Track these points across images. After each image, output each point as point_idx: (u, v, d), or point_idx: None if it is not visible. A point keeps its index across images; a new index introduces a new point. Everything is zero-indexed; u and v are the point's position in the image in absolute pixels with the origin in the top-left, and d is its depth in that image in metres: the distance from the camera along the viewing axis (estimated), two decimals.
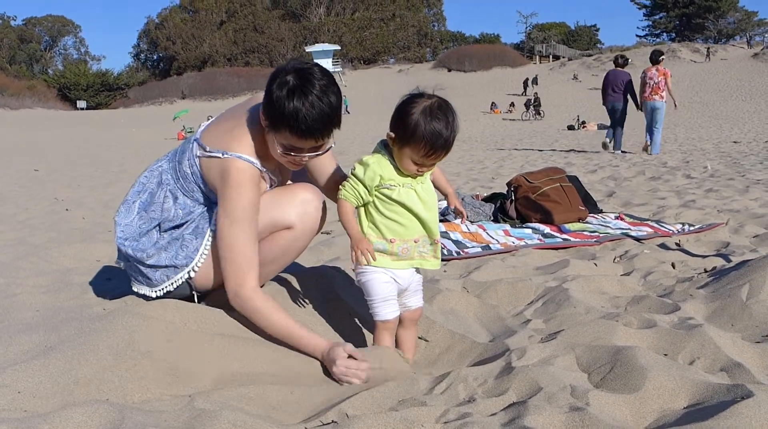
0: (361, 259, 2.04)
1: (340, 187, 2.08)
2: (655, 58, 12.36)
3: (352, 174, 2.06)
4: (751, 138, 16.85)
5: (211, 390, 1.88)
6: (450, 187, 2.28)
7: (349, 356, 1.99)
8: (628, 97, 12.75)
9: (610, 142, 13.08)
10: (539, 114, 37.19)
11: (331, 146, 2.18)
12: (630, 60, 13.32)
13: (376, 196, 2.04)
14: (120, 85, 74.93)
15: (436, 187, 2.22)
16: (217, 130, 2.25)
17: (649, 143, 12.42)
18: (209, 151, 2.19)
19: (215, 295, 2.37)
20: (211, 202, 2.30)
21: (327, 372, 2.07)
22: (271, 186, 2.30)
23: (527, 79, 52.04)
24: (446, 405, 1.80)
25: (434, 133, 1.92)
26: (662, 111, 12.27)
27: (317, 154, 2.17)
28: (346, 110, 40.01)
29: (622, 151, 13.07)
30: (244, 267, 2.12)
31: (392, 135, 1.99)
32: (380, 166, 2.02)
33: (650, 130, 12.48)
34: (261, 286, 2.40)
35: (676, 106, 12.71)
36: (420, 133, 1.92)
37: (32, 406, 1.70)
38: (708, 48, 59.37)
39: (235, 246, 2.12)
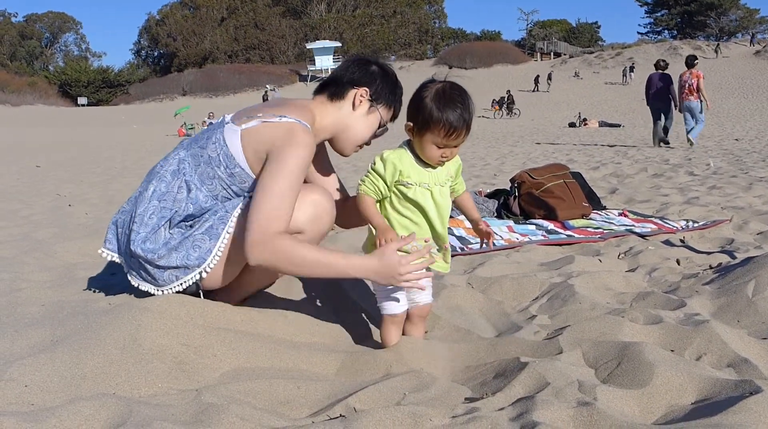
0: None
1: (359, 182, 2.08)
2: (690, 63, 13.40)
3: (372, 169, 2.05)
4: (753, 136, 16.84)
5: (218, 384, 1.87)
6: (477, 214, 2.29)
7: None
8: (669, 96, 13.58)
9: (688, 137, 13.47)
10: (512, 112, 36.68)
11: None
12: (668, 63, 14.43)
13: (393, 192, 2.04)
14: (121, 82, 74.93)
15: (462, 212, 2.24)
16: (264, 109, 2.24)
17: (690, 138, 13.24)
18: (267, 116, 2.17)
19: (220, 292, 2.37)
20: (228, 191, 2.24)
21: (334, 365, 2.07)
22: None
23: (538, 75, 52.01)
24: (454, 400, 1.80)
25: (451, 111, 1.94)
26: (698, 109, 13.17)
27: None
28: None
29: (662, 144, 13.70)
30: (273, 213, 2.02)
31: (410, 124, 2.01)
32: (400, 161, 2.02)
33: (687, 126, 13.45)
34: (265, 289, 2.39)
35: (708, 106, 13.42)
36: (437, 114, 1.93)
37: (39, 399, 1.69)
38: (717, 44, 59.41)
39: (273, 192, 2.04)
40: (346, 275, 2.04)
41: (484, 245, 2.26)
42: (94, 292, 2.77)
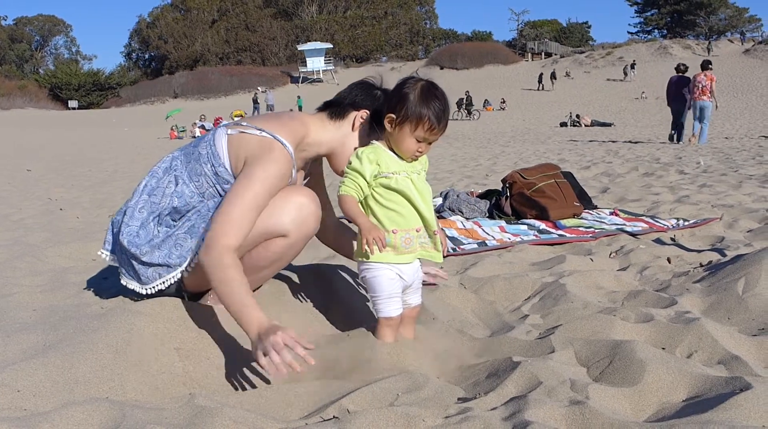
0: (373, 248, 2.01)
1: (340, 183, 2.09)
2: (705, 66, 14.58)
3: (350, 168, 2.07)
4: (743, 134, 16.94)
5: (211, 387, 1.87)
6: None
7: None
8: (688, 97, 14.74)
9: (695, 136, 14.35)
10: (470, 114, 36.09)
11: None
12: (687, 67, 15.54)
13: (374, 188, 2.05)
14: (112, 85, 74.34)
15: None
16: (253, 120, 2.30)
17: (695, 134, 14.21)
18: (248, 128, 2.22)
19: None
20: (214, 190, 2.26)
21: (326, 367, 2.07)
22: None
23: (541, 74, 52.24)
24: (447, 400, 1.81)
25: (435, 108, 2.02)
26: (709, 109, 14.28)
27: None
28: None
29: (675, 141, 14.92)
30: (235, 224, 2.06)
31: (393, 116, 2.03)
32: (376, 155, 2.06)
33: (697, 124, 14.47)
34: (254, 290, 2.40)
35: (717, 106, 14.68)
36: (424, 110, 2.01)
37: (32, 404, 1.69)
38: (709, 42, 59.80)
39: (236, 204, 2.09)
40: (238, 317, 1.95)
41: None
42: (86, 296, 2.76)
